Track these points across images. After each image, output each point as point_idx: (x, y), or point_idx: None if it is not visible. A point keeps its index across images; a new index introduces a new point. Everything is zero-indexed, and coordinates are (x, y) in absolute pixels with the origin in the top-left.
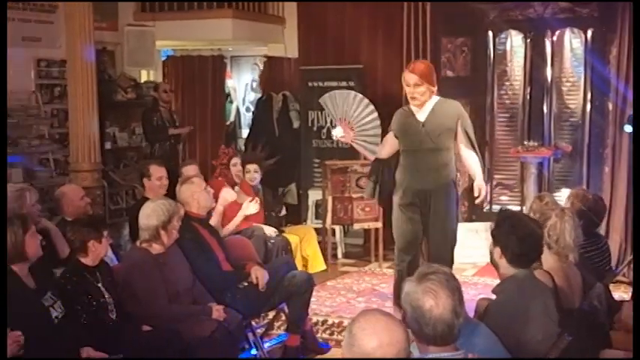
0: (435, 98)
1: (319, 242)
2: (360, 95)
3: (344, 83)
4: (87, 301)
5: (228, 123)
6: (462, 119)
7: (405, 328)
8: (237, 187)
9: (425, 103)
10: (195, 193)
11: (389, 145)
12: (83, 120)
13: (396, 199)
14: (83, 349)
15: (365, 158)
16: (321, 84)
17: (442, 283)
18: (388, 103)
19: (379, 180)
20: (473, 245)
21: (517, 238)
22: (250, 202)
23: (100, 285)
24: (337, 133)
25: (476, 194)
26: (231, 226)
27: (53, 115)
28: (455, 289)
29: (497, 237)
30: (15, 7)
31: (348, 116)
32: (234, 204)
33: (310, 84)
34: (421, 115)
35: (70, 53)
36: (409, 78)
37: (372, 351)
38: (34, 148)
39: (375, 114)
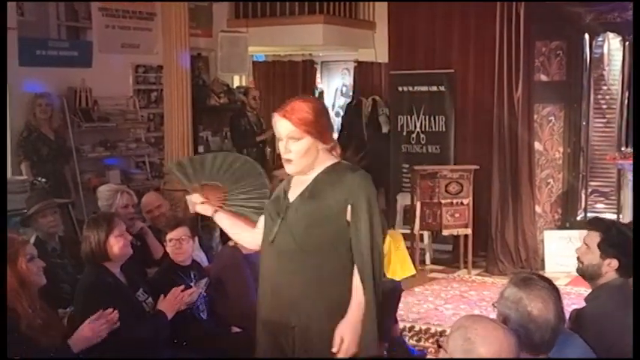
0: (330, 162)
1: (407, 248)
2: (234, 155)
3: (434, 88)
4: None
5: None
6: (355, 205)
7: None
8: None
9: (311, 169)
10: None
11: (256, 232)
12: (178, 124)
13: None
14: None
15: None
16: (410, 88)
17: (547, 289)
18: (479, 111)
19: None
20: (566, 254)
21: (629, 248)
22: None
23: (192, 284)
24: (193, 199)
25: (334, 348)
26: None
27: (149, 119)
28: (557, 296)
29: (610, 249)
30: (115, 14)
31: (217, 178)
32: None
33: (400, 89)
34: (294, 192)
35: (167, 59)
36: (280, 126)
37: (491, 357)
38: (131, 151)
39: (264, 178)
